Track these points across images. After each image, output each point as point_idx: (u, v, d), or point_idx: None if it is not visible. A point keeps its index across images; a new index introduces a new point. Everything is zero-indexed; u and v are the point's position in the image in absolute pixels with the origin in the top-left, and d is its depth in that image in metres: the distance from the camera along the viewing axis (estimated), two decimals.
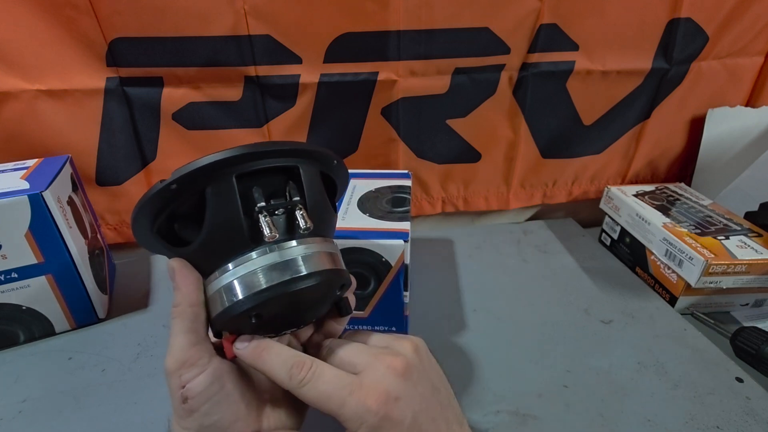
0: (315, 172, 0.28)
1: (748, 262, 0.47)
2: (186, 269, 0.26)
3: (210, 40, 0.51)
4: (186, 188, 0.24)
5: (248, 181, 0.25)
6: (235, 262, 0.25)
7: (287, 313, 0.27)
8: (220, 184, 0.24)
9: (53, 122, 0.53)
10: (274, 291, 0.24)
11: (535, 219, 0.74)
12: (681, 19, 0.56)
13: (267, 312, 0.25)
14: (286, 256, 0.25)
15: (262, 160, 0.25)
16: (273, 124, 0.58)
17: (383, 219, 0.45)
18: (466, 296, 0.54)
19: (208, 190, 0.24)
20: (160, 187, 0.24)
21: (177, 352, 0.25)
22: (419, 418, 0.25)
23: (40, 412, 0.40)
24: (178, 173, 0.24)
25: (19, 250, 0.42)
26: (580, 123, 0.64)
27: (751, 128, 0.63)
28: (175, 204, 0.25)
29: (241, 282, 0.25)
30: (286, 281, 0.25)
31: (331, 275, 0.27)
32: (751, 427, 0.38)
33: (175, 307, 0.25)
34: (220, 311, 0.25)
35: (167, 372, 0.25)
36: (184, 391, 0.25)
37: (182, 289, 0.25)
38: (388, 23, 0.53)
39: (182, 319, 0.25)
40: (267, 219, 0.24)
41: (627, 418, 0.38)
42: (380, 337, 0.29)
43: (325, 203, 0.29)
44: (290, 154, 0.26)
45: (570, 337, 0.48)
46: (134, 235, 0.27)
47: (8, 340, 0.47)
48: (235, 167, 0.24)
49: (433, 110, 0.60)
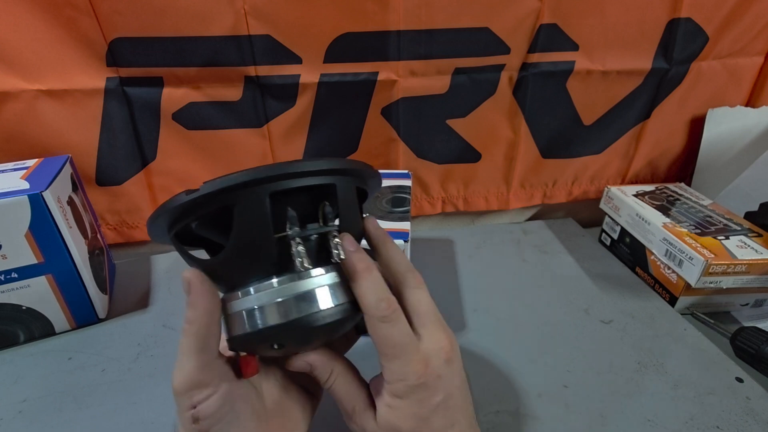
0: (351, 188, 0.27)
1: (748, 262, 0.47)
2: (203, 285, 0.24)
3: (210, 40, 0.51)
4: (213, 204, 0.23)
5: (281, 200, 0.23)
6: (258, 286, 0.24)
7: (309, 339, 0.26)
8: (252, 202, 0.23)
9: (53, 122, 0.53)
10: (300, 324, 0.24)
11: (535, 219, 0.74)
12: (681, 19, 0.56)
13: (289, 341, 0.25)
14: (313, 286, 0.24)
15: (299, 179, 0.24)
16: (273, 124, 0.58)
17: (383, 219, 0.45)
18: (466, 296, 0.54)
19: (237, 207, 0.23)
20: (185, 200, 0.22)
21: (188, 372, 0.24)
22: (449, 402, 0.26)
23: (40, 412, 0.40)
24: (207, 189, 0.22)
25: (19, 250, 0.42)
26: (580, 123, 0.64)
27: (751, 128, 0.63)
28: (197, 215, 0.24)
29: (267, 309, 0.24)
30: (312, 314, 0.24)
31: (356, 306, 0.26)
32: (751, 427, 0.37)
33: (189, 325, 0.24)
34: (241, 334, 0.24)
35: (176, 392, 0.24)
36: (195, 412, 0.24)
37: (198, 308, 0.24)
38: (388, 23, 0.53)
39: (196, 338, 0.24)
40: (300, 248, 0.23)
41: (627, 418, 0.38)
42: (433, 307, 0.28)
43: (358, 221, 0.27)
44: (328, 173, 0.25)
45: (570, 337, 0.48)
46: (150, 235, 0.26)
47: (8, 340, 0.47)
48: (270, 186, 0.23)
49: (433, 110, 0.60)
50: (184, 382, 0.24)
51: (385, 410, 0.26)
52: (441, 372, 0.26)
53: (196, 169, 0.60)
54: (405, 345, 0.25)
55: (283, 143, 0.60)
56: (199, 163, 0.60)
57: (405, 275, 0.28)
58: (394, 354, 0.25)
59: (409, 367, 0.25)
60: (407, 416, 0.25)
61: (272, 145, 0.60)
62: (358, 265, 0.25)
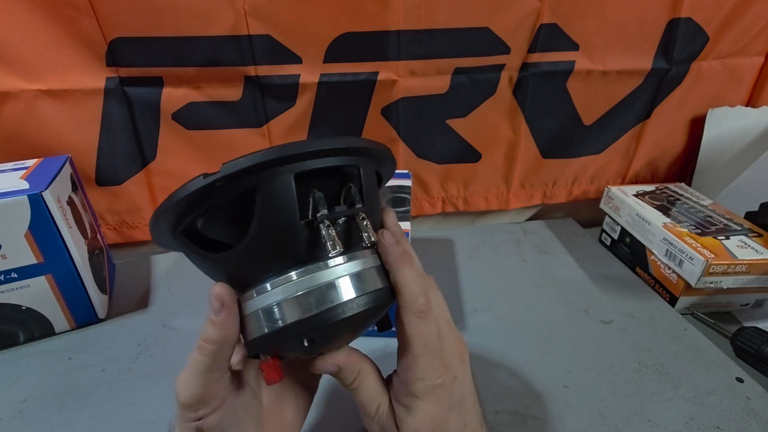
0: (372, 172, 0.25)
1: (749, 262, 0.47)
2: (234, 308, 0.23)
3: (210, 40, 0.51)
4: (233, 187, 0.21)
5: (304, 182, 0.21)
6: (276, 281, 0.22)
7: (337, 334, 0.24)
8: (276, 184, 0.21)
9: (53, 122, 0.53)
10: (326, 317, 0.22)
11: (535, 219, 0.74)
12: (681, 19, 0.56)
13: (316, 338, 0.23)
14: (338, 275, 0.22)
15: (326, 158, 0.22)
16: (273, 124, 0.58)
17: None
18: (466, 296, 0.54)
19: (260, 191, 0.21)
20: (202, 183, 0.20)
21: (196, 389, 0.23)
22: (462, 403, 0.26)
23: (40, 412, 0.40)
24: (228, 169, 0.20)
25: (19, 250, 0.42)
26: (580, 123, 0.64)
27: (751, 128, 0.62)
28: (214, 203, 0.22)
29: (288, 304, 0.22)
30: (339, 305, 0.22)
31: (389, 294, 0.24)
32: (751, 427, 0.37)
33: (208, 344, 0.23)
34: (258, 336, 0.22)
35: (182, 405, 0.24)
36: (199, 424, 0.24)
37: (224, 330, 0.23)
38: (388, 23, 0.53)
39: (212, 358, 0.23)
40: (330, 231, 0.21)
41: (627, 418, 0.38)
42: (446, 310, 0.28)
43: (379, 208, 0.26)
44: (353, 152, 0.23)
45: (570, 337, 0.48)
46: (152, 231, 0.24)
47: (8, 340, 0.47)
48: (296, 165, 0.21)
49: (433, 110, 0.60)
50: (192, 397, 0.23)
51: (403, 412, 0.25)
52: (457, 373, 0.26)
53: (196, 169, 0.60)
54: (434, 344, 0.25)
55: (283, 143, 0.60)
56: (199, 163, 0.60)
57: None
58: (422, 352, 0.24)
59: (431, 367, 0.25)
60: (426, 418, 0.25)
61: (272, 145, 0.60)
62: (398, 252, 0.24)
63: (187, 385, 0.24)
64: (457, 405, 0.26)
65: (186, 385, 0.24)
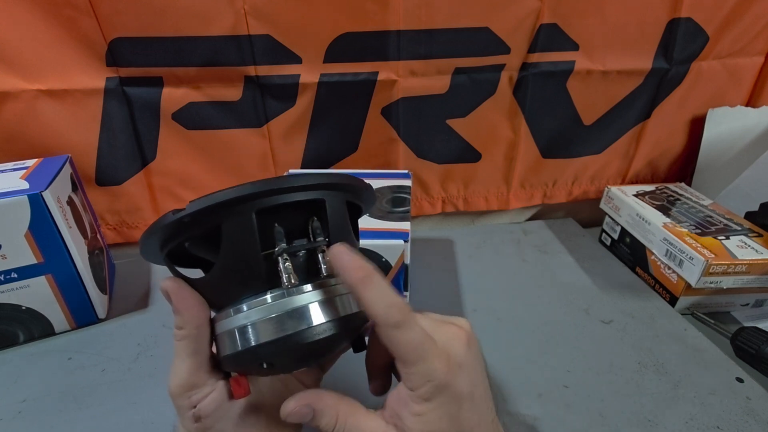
0: (341, 203, 0.26)
1: (749, 262, 0.47)
2: (184, 291, 0.25)
3: (210, 40, 0.51)
4: (200, 222, 0.23)
5: (269, 216, 0.23)
6: (249, 303, 0.24)
7: (301, 358, 0.25)
8: (238, 220, 0.23)
9: (53, 122, 0.53)
10: (288, 342, 0.23)
11: (535, 219, 0.74)
12: (681, 19, 0.56)
13: (279, 360, 0.24)
14: (302, 302, 0.24)
15: (286, 195, 0.23)
16: (273, 124, 0.58)
17: (383, 219, 0.45)
18: (466, 296, 0.54)
19: (225, 225, 0.23)
20: (172, 219, 0.22)
21: (183, 375, 0.24)
22: (475, 392, 0.25)
23: (39, 412, 0.40)
24: (193, 207, 0.22)
25: (19, 250, 0.42)
26: (580, 123, 0.64)
27: (751, 128, 0.62)
28: (188, 235, 0.24)
29: (255, 328, 0.23)
30: (301, 331, 0.23)
31: (349, 321, 0.25)
32: (752, 427, 0.37)
33: (179, 330, 0.24)
34: (230, 354, 0.24)
35: (173, 395, 0.25)
36: (196, 411, 0.24)
37: (185, 314, 0.24)
38: (388, 23, 0.53)
39: (189, 341, 0.24)
40: (287, 264, 0.23)
41: (627, 418, 0.38)
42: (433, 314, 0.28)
43: (349, 236, 0.27)
44: (317, 188, 0.24)
45: (570, 337, 0.48)
46: (143, 255, 0.26)
47: (8, 340, 0.47)
48: (256, 203, 0.23)
49: (433, 110, 0.60)
50: (180, 385, 0.24)
51: (414, 421, 0.24)
52: (461, 360, 0.25)
53: (195, 169, 0.60)
54: (424, 345, 0.24)
55: (283, 143, 0.60)
56: (199, 163, 0.60)
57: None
58: (415, 358, 0.24)
59: (432, 366, 0.24)
60: (439, 418, 0.24)
61: (272, 145, 0.60)
62: (354, 276, 0.24)
63: (173, 375, 0.24)
64: (468, 396, 0.25)
65: (173, 375, 0.24)
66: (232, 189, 0.22)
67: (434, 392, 0.24)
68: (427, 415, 0.24)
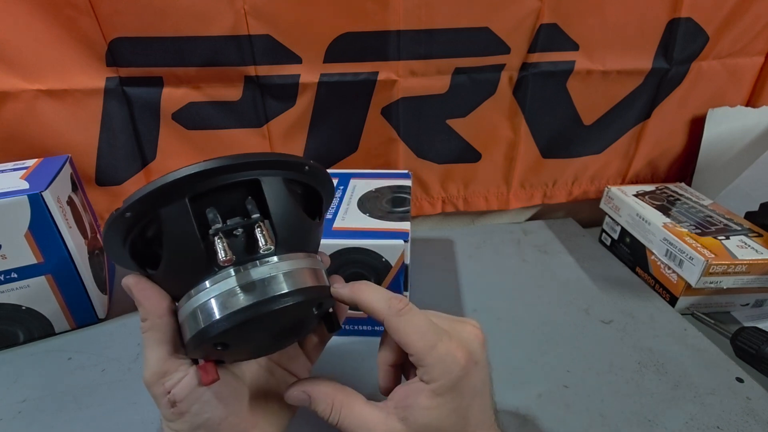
0: (281, 183, 0.26)
1: (749, 262, 0.47)
2: (142, 284, 0.25)
3: (210, 40, 0.51)
4: (141, 215, 0.23)
5: (206, 201, 0.24)
6: (197, 288, 0.24)
7: (260, 339, 0.26)
8: (174, 208, 0.23)
9: (53, 122, 0.53)
10: (231, 320, 0.23)
11: (535, 219, 0.74)
12: (681, 19, 0.56)
13: (232, 340, 0.24)
14: (245, 279, 0.24)
15: (216, 178, 0.23)
16: (273, 124, 0.58)
17: (383, 219, 0.45)
18: (466, 296, 0.54)
19: (163, 215, 0.23)
20: (114, 215, 0.23)
21: (155, 364, 0.25)
22: (484, 389, 0.26)
23: (39, 412, 0.40)
24: (128, 200, 0.23)
25: (19, 250, 0.42)
26: (580, 123, 0.64)
27: (751, 128, 0.62)
28: (137, 229, 0.24)
29: (203, 310, 0.24)
30: (245, 308, 0.23)
31: (300, 295, 0.24)
32: (752, 427, 0.37)
33: (144, 322, 0.25)
34: (188, 339, 0.24)
35: (147, 384, 0.25)
36: (170, 396, 0.25)
37: (145, 304, 0.25)
38: (388, 23, 0.53)
39: (154, 331, 0.25)
40: (222, 243, 0.23)
41: (627, 418, 0.38)
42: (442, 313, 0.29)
43: (299, 214, 0.27)
44: (246, 167, 0.24)
45: (570, 337, 0.48)
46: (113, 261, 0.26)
47: (8, 340, 0.47)
48: (187, 189, 0.23)
49: (433, 110, 0.60)
50: (153, 373, 0.25)
51: (423, 414, 0.24)
52: (478, 358, 0.25)
53: None
54: (435, 332, 0.24)
55: (283, 143, 0.60)
56: None
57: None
58: (429, 344, 0.24)
59: (450, 357, 0.24)
60: (449, 413, 0.24)
61: (272, 145, 0.60)
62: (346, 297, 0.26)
63: (146, 365, 0.25)
64: (479, 393, 0.26)
65: (145, 365, 0.25)
66: (162, 178, 0.22)
67: (450, 387, 0.24)
68: (438, 410, 0.24)
